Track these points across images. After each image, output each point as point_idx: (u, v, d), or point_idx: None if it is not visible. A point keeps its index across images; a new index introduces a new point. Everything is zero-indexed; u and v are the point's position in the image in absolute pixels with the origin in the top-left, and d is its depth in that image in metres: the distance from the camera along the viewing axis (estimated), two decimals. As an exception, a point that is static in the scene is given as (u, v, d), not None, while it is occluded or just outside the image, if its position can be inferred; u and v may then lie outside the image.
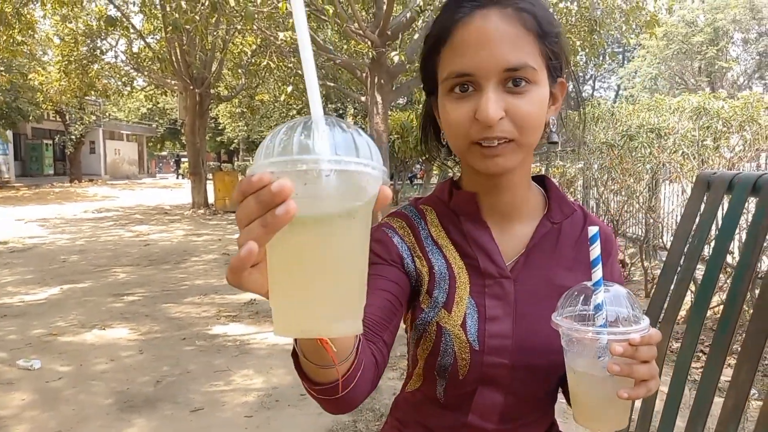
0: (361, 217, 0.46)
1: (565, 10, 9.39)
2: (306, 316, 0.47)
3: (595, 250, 0.72)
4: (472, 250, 0.87)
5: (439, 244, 0.90)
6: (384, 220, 0.94)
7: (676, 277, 1.45)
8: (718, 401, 1.22)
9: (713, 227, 1.45)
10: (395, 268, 0.87)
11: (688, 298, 1.51)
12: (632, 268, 5.73)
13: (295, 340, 0.64)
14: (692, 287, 2.20)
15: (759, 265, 1.33)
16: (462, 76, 0.76)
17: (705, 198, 1.43)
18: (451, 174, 1.06)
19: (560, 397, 0.95)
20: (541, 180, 0.94)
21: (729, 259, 2.90)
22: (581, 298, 0.74)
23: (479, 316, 0.85)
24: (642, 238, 5.42)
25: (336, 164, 0.42)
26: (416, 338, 0.89)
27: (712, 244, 1.39)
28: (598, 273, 0.72)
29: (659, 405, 1.42)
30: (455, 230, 0.89)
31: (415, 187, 21.39)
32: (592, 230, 0.73)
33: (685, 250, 1.44)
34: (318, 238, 0.45)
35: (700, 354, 3.09)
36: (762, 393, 2.90)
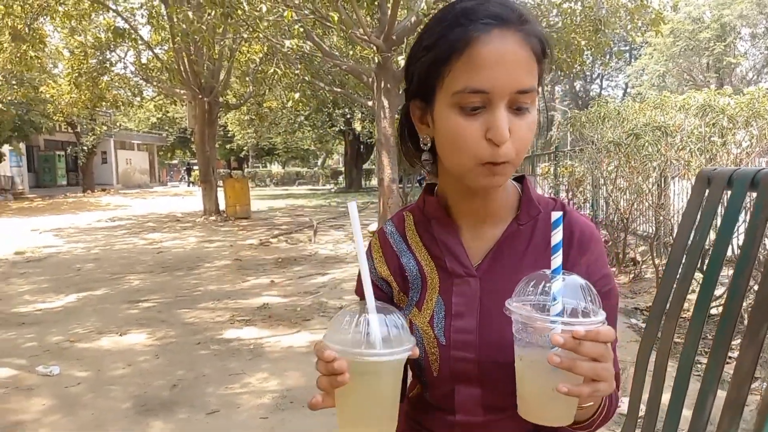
0: (396, 369, 0.71)
1: (569, 10, 9.40)
2: None
3: (557, 236, 0.71)
4: (441, 252, 0.93)
5: (413, 249, 0.97)
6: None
7: (679, 272, 1.48)
8: (723, 393, 1.24)
9: (715, 222, 1.48)
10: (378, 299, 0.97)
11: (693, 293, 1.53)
12: (643, 266, 5.73)
13: None
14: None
15: (759, 256, 1.36)
16: (477, 92, 0.76)
17: (706, 194, 1.46)
18: None
19: None
20: (521, 178, 0.97)
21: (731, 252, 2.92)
22: (537, 285, 0.73)
23: (446, 312, 0.90)
24: (653, 236, 5.42)
25: (377, 357, 0.67)
26: None
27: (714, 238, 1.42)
28: (557, 260, 0.71)
29: (666, 398, 1.45)
30: (427, 234, 0.96)
31: (424, 189, 21.34)
32: (555, 215, 0.73)
33: (687, 245, 1.47)
34: (365, 386, 0.69)
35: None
36: (765, 381, 2.90)
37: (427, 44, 0.82)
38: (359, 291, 0.98)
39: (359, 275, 0.97)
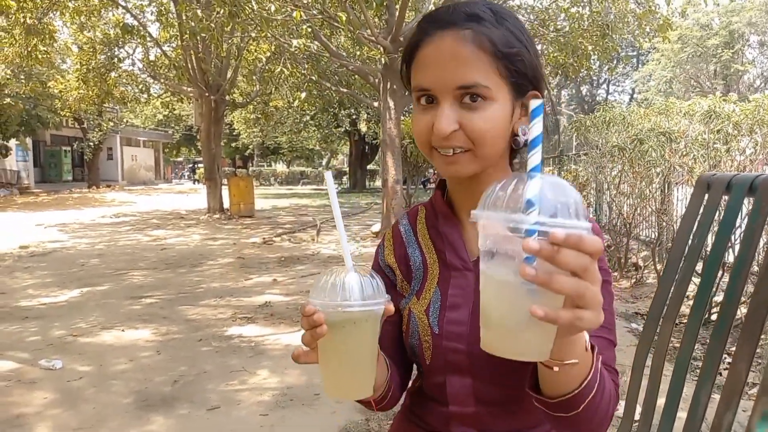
0: (371, 324, 0.76)
1: (577, 15, 9.40)
2: (339, 384, 0.78)
3: (536, 128, 0.61)
4: (443, 245, 0.98)
5: (420, 241, 1.02)
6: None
7: (677, 275, 1.49)
8: (718, 397, 1.25)
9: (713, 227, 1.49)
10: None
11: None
12: (645, 271, 5.72)
13: None
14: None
15: (756, 261, 1.38)
16: (422, 90, 0.85)
17: (705, 198, 1.48)
18: None
19: None
20: None
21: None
22: (507, 187, 0.58)
23: (441, 303, 0.95)
24: (655, 241, 5.42)
25: (351, 308, 0.73)
26: (400, 321, 1.02)
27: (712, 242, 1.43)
28: (536, 157, 0.58)
29: (661, 400, 1.46)
30: (434, 227, 1.01)
31: (428, 191, 21.39)
32: (535, 103, 0.63)
33: (686, 249, 1.48)
34: (345, 337, 0.75)
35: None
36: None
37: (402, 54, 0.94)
38: (373, 266, 1.08)
39: (376, 257, 1.08)
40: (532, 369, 0.77)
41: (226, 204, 14.47)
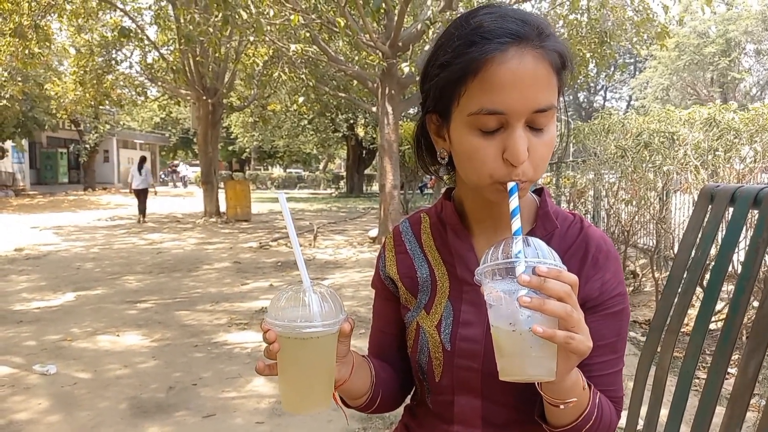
0: (326, 343, 0.78)
1: (575, 22, 9.44)
2: (292, 398, 0.81)
3: (513, 203, 0.75)
4: (453, 258, 0.93)
5: (426, 251, 0.97)
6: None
7: (680, 287, 1.48)
8: (723, 410, 1.24)
9: (717, 239, 1.48)
10: (385, 300, 1.03)
11: (693, 309, 1.53)
12: (643, 279, 5.72)
13: None
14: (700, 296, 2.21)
15: (759, 275, 1.38)
16: (493, 113, 0.75)
17: (709, 210, 1.46)
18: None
19: None
20: (540, 191, 0.95)
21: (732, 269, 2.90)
22: (498, 247, 0.73)
23: (454, 319, 0.91)
24: (653, 249, 5.41)
25: (300, 328, 0.76)
26: (406, 335, 0.99)
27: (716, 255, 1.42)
28: (516, 223, 0.74)
29: (664, 413, 1.45)
30: (441, 239, 0.96)
31: (425, 196, 21.39)
32: (510, 185, 0.76)
33: (689, 261, 1.47)
34: (299, 355, 0.77)
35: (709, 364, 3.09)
36: (765, 397, 2.89)
37: (442, 62, 0.80)
38: (375, 283, 1.05)
39: (377, 268, 1.04)
40: (540, 400, 0.84)
41: (223, 208, 14.43)
